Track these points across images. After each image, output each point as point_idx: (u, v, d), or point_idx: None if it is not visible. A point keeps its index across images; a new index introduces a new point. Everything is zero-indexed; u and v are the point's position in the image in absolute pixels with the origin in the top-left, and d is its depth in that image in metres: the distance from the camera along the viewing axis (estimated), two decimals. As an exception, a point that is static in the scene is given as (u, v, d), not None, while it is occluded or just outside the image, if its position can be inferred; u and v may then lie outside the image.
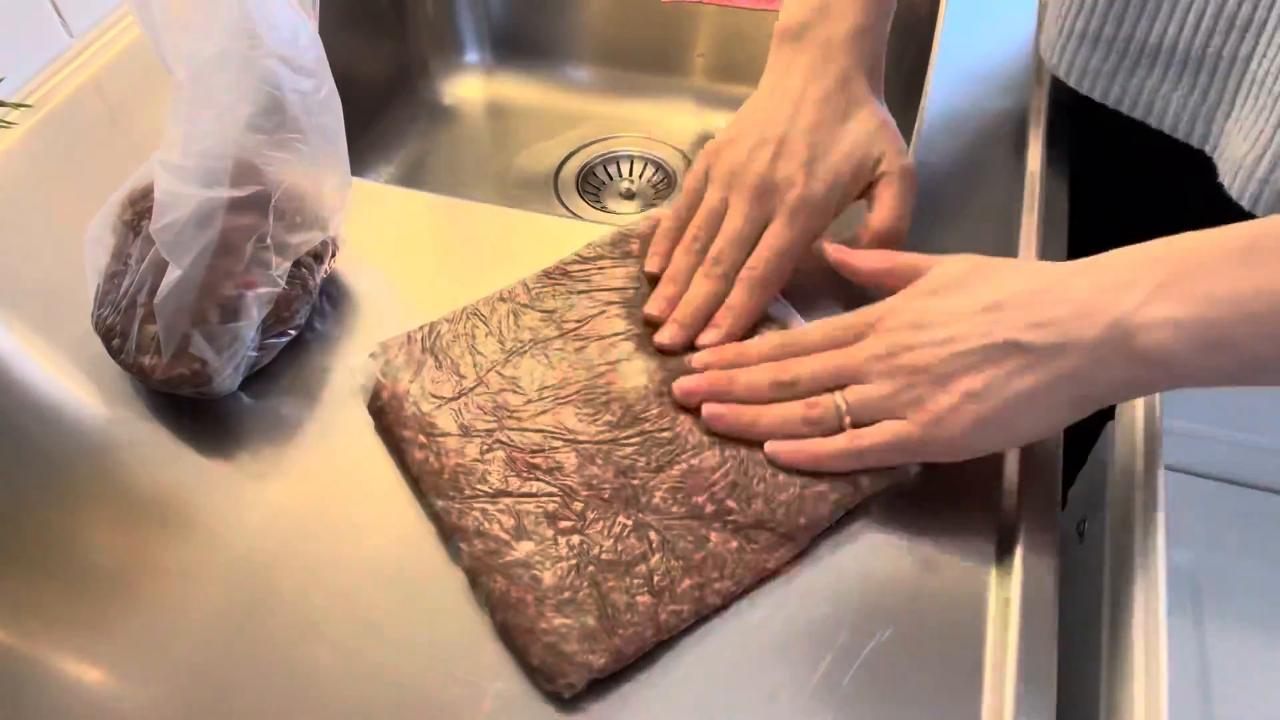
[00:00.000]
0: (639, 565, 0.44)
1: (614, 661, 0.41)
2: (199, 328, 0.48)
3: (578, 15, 0.93)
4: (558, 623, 0.42)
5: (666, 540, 0.45)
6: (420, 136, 0.91)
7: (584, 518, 0.45)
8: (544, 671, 0.41)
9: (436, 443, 0.48)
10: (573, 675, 0.41)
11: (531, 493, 0.46)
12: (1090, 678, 0.47)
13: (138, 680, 0.43)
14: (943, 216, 0.59)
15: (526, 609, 0.42)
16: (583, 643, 0.41)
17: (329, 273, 0.55)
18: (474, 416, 0.49)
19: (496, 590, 0.43)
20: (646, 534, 0.45)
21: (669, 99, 0.92)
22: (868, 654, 0.42)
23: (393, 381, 0.50)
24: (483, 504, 0.46)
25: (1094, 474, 0.55)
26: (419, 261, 0.59)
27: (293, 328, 0.53)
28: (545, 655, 0.41)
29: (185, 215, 0.47)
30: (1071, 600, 0.47)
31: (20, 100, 0.67)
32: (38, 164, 0.65)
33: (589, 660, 0.41)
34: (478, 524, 0.45)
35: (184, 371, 0.49)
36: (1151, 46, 0.57)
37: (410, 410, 0.49)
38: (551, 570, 0.43)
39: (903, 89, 0.81)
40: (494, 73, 0.95)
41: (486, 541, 0.44)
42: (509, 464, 0.47)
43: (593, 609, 0.42)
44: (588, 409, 0.49)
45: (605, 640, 0.42)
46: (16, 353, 0.55)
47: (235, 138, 0.48)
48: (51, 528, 0.47)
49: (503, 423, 0.49)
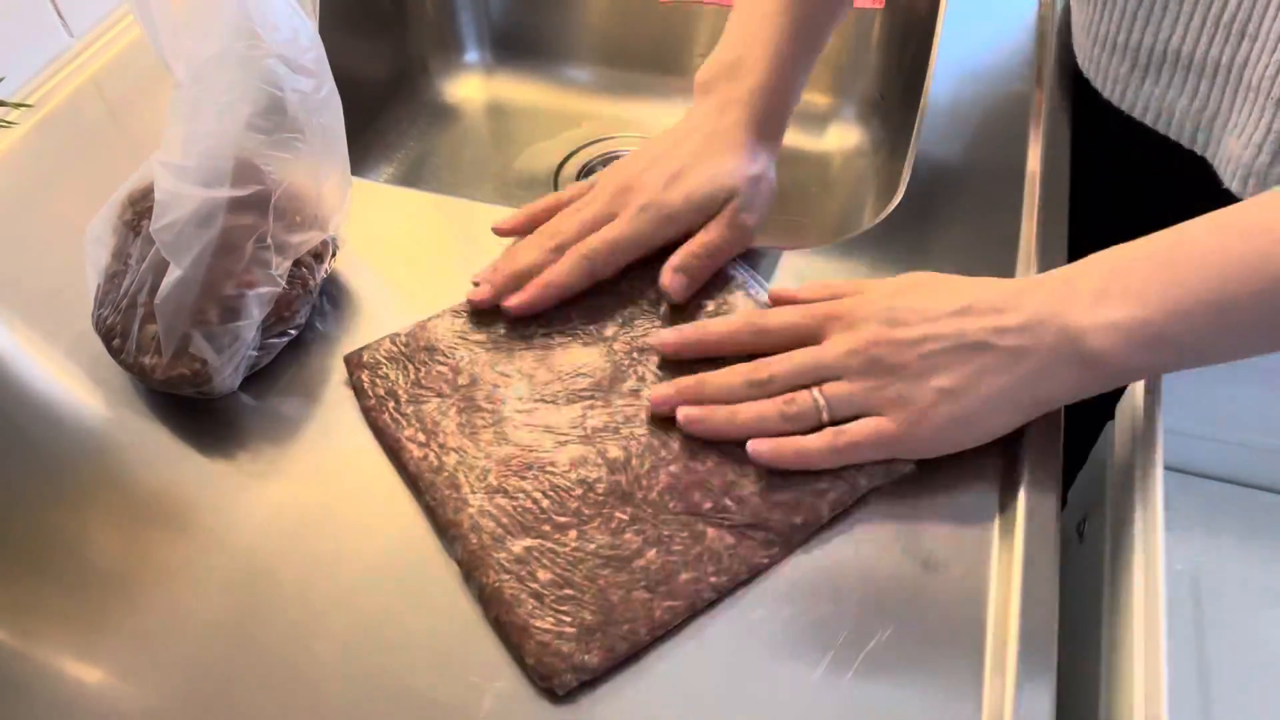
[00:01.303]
0: (636, 560, 0.44)
1: (608, 659, 0.41)
2: (199, 328, 0.48)
3: (578, 15, 0.93)
4: (551, 620, 0.42)
5: (663, 536, 0.45)
6: (420, 136, 0.91)
7: (580, 514, 0.45)
8: (538, 670, 0.41)
9: (434, 440, 0.48)
10: (566, 674, 0.41)
11: (527, 490, 0.46)
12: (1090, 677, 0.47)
13: (138, 680, 0.43)
14: (942, 216, 0.59)
15: (521, 605, 0.42)
16: (577, 641, 0.41)
17: (329, 272, 0.55)
18: (469, 414, 0.49)
19: (490, 586, 0.43)
20: (643, 529, 0.45)
21: (669, 99, 0.92)
22: (868, 653, 0.42)
23: (386, 381, 0.50)
24: (479, 500, 0.46)
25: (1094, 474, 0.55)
26: (419, 261, 0.59)
27: (293, 327, 0.53)
28: (539, 653, 0.41)
29: (185, 215, 0.47)
30: (1071, 600, 0.47)
31: (20, 100, 0.67)
32: (38, 164, 0.65)
33: (583, 660, 0.41)
34: (473, 520, 0.45)
35: (184, 371, 0.49)
36: (1159, 53, 0.58)
37: (408, 409, 0.49)
38: (548, 566, 0.44)
39: (903, 89, 0.81)
40: (494, 73, 0.95)
41: (482, 537, 0.44)
42: (505, 462, 0.47)
43: (590, 604, 0.42)
44: (581, 405, 0.49)
45: (600, 638, 0.42)
46: (16, 353, 0.55)
47: (235, 137, 0.48)
48: (51, 528, 0.47)
49: (498, 420, 0.49)
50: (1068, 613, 0.45)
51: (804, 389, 0.47)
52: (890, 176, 0.79)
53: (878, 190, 0.82)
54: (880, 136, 0.86)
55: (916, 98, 0.70)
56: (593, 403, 0.50)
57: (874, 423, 0.46)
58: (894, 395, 0.45)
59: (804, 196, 0.84)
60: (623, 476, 0.47)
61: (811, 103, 0.89)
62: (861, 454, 0.46)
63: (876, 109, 0.87)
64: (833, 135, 0.88)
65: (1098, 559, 0.50)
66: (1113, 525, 0.50)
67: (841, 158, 0.87)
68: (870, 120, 0.88)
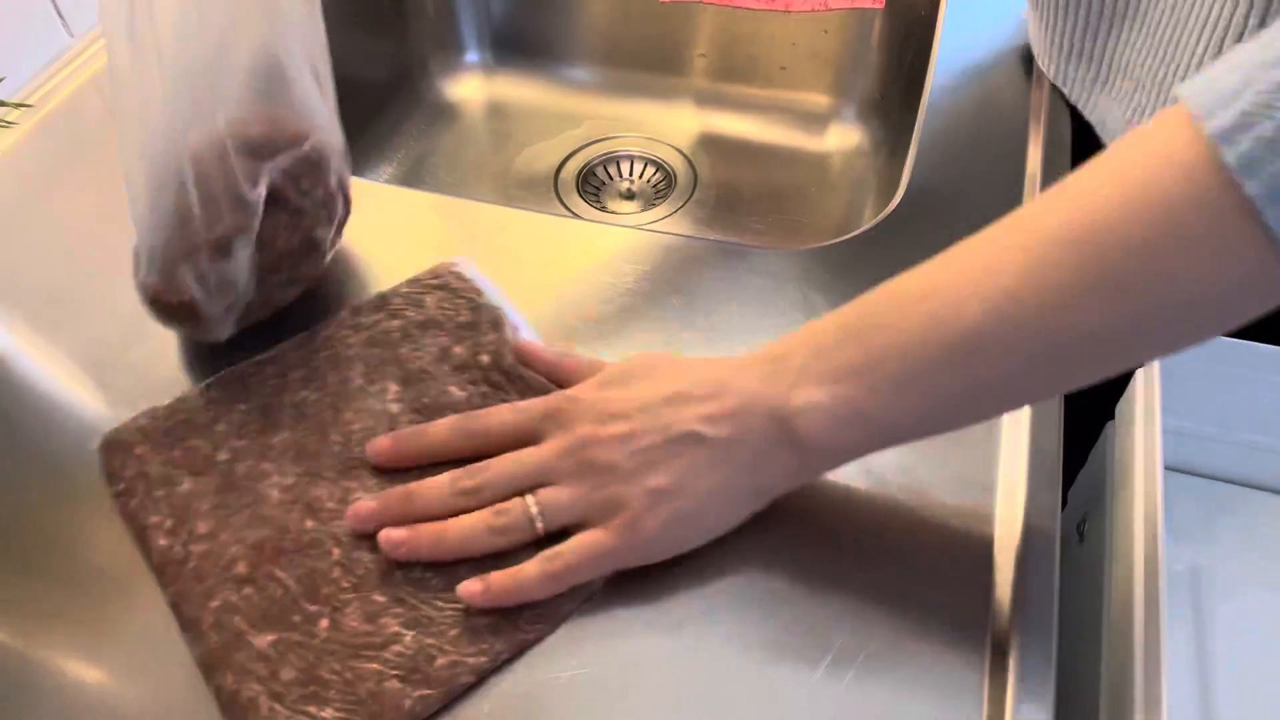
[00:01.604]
0: (391, 646, 0.41)
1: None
2: (188, 262, 0.46)
3: (578, 15, 0.93)
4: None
5: (423, 617, 0.42)
6: (420, 136, 0.91)
7: (334, 600, 0.42)
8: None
9: (184, 527, 0.44)
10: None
11: (280, 577, 0.43)
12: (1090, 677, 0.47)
13: (138, 680, 0.43)
14: (942, 217, 0.59)
15: (258, 711, 0.40)
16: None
17: (340, 231, 0.53)
18: (226, 494, 0.46)
19: (227, 689, 0.40)
20: (402, 612, 0.42)
21: (669, 99, 0.92)
22: (868, 654, 0.42)
23: (137, 462, 0.47)
24: (226, 593, 0.42)
25: (1094, 474, 0.55)
26: (419, 261, 0.59)
27: (300, 276, 0.52)
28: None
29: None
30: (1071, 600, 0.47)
31: (20, 100, 0.67)
32: (38, 164, 0.65)
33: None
34: (216, 617, 0.42)
35: (173, 301, 0.47)
36: (1119, 66, 0.57)
37: (158, 492, 0.46)
38: (294, 662, 0.41)
39: (903, 89, 0.81)
40: (494, 73, 0.95)
41: (224, 635, 0.41)
42: (258, 547, 0.44)
43: (335, 700, 0.40)
44: (345, 483, 0.46)
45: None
46: (17, 353, 0.55)
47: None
48: (52, 528, 0.47)
49: (256, 500, 0.45)
50: (1068, 613, 0.45)
51: (517, 495, 0.44)
52: (890, 176, 0.79)
53: (878, 190, 0.82)
54: (880, 136, 0.86)
55: (916, 98, 0.70)
56: (362, 476, 0.46)
57: (589, 539, 0.42)
58: (608, 498, 0.42)
59: (804, 196, 0.84)
60: (381, 554, 0.43)
61: (811, 103, 0.89)
62: (581, 575, 0.43)
63: (876, 109, 0.87)
64: (833, 135, 0.88)
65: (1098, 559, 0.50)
66: (1113, 525, 0.50)
67: (841, 158, 0.87)
68: (870, 120, 0.88)
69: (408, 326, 0.52)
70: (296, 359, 0.51)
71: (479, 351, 0.51)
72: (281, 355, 0.51)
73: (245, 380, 0.50)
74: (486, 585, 0.42)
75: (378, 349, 0.51)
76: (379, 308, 0.53)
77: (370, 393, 0.49)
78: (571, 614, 0.43)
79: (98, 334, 0.53)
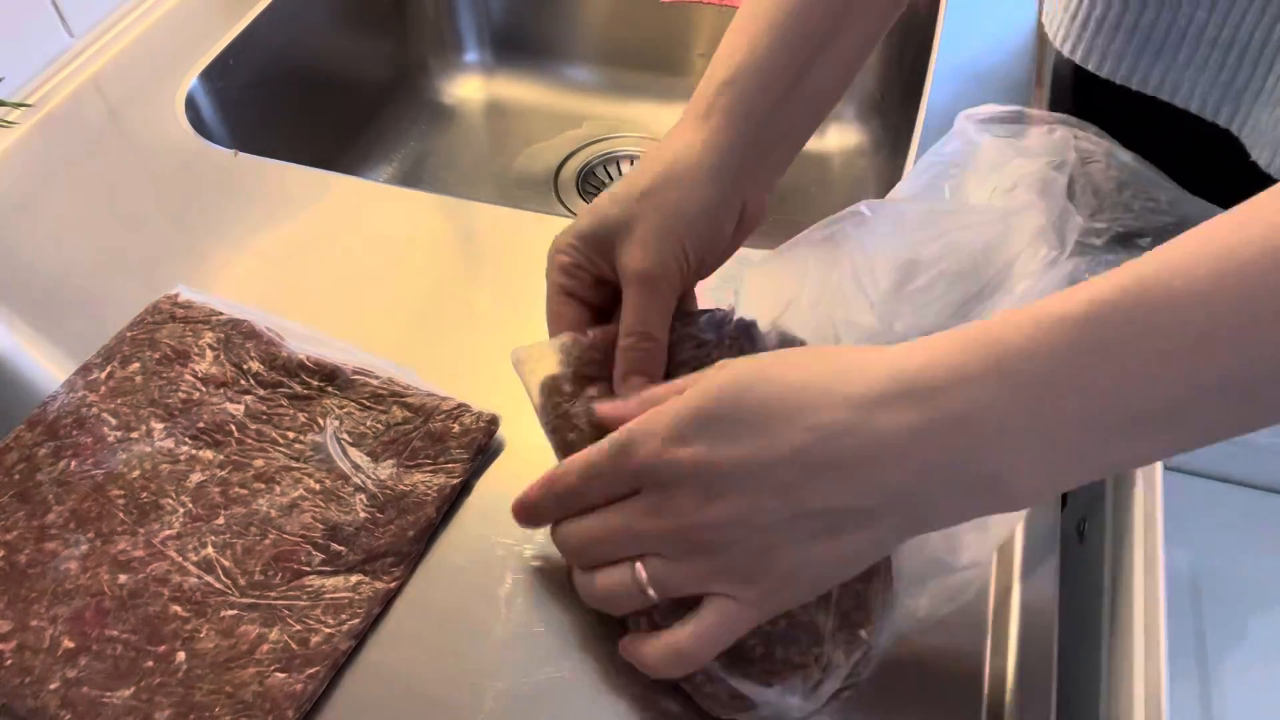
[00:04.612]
0: (260, 646, 0.41)
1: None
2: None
3: (578, 15, 0.93)
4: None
5: (280, 612, 0.42)
6: (420, 136, 0.91)
7: (180, 632, 0.42)
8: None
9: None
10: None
11: (114, 635, 0.42)
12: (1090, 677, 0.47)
13: (138, 680, 0.42)
14: (943, 216, 0.59)
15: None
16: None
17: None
18: (14, 592, 0.43)
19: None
20: (257, 615, 0.42)
21: (669, 99, 0.92)
22: (868, 654, 0.42)
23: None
24: (61, 672, 0.41)
25: (1094, 474, 0.55)
26: (419, 261, 0.59)
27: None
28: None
29: None
30: (1071, 600, 0.47)
31: (20, 100, 0.67)
32: (38, 164, 0.65)
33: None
34: (62, 696, 0.41)
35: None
36: (1178, 30, 0.56)
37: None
38: (163, 702, 0.40)
39: (903, 89, 0.81)
40: (494, 73, 0.95)
41: (77, 708, 0.40)
42: (76, 620, 0.42)
43: (223, 715, 0.40)
44: (147, 528, 0.45)
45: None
46: (17, 352, 0.55)
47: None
48: (52, 527, 0.47)
49: (54, 577, 0.44)
50: (1068, 613, 0.45)
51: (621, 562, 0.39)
52: (890, 176, 0.79)
53: (878, 190, 0.82)
54: (880, 136, 0.86)
55: (916, 98, 0.70)
56: (162, 515, 0.45)
57: (720, 610, 0.37)
58: (731, 572, 0.37)
59: (804, 196, 0.84)
60: (215, 574, 0.43)
61: (811, 103, 0.89)
62: (719, 647, 0.38)
63: (876, 109, 0.87)
64: (833, 135, 0.88)
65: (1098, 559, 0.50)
66: (1113, 525, 0.50)
67: (841, 158, 0.87)
68: (870, 120, 0.88)
69: (148, 366, 0.51)
70: (35, 436, 0.49)
71: (243, 361, 0.51)
72: (17, 439, 0.49)
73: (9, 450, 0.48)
74: (653, 666, 0.39)
75: (124, 397, 0.50)
76: (107, 360, 0.51)
77: (133, 439, 0.48)
78: (424, 553, 0.44)
79: (97, 333, 0.53)
